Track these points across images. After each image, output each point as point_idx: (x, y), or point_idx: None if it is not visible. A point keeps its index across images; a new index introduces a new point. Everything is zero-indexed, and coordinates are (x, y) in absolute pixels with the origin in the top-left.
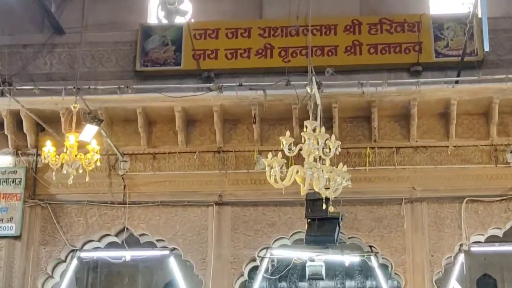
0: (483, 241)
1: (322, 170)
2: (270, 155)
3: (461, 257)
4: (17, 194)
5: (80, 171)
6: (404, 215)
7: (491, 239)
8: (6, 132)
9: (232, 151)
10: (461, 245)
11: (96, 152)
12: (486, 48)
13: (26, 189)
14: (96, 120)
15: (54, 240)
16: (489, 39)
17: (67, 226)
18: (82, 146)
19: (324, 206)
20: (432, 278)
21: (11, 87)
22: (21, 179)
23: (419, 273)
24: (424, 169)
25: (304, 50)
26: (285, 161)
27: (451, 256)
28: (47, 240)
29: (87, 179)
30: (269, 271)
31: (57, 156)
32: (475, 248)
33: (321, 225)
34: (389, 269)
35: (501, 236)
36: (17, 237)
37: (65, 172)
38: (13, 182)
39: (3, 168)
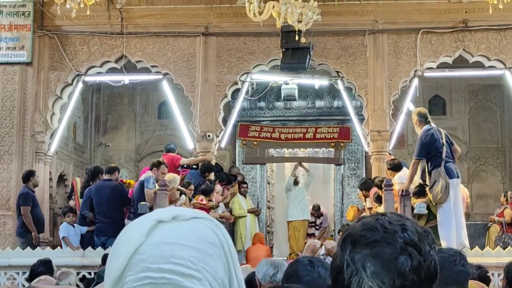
0: (435, 67)
1: (296, 6)
2: None
3: (416, 81)
4: (26, 25)
5: (82, 5)
6: (367, 44)
7: (442, 66)
8: None
9: None
10: (415, 70)
11: None
12: None
13: (35, 21)
14: None
15: (62, 66)
16: None
17: (72, 53)
18: None
19: (297, 37)
20: (390, 99)
21: None
22: (29, 12)
23: (379, 94)
24: (386, 3)
25: None
26: None
27: (407, 80)
28: (55, 66)
29: (88, 13)
30: (249, 93)
31: None
32: (428, 73)
33: (294, 53)
34: (353, 91)
35: (450, 63)
36: (28, 63)
37: (68, 6)
38: (22, 15)
39: (13, 1)
